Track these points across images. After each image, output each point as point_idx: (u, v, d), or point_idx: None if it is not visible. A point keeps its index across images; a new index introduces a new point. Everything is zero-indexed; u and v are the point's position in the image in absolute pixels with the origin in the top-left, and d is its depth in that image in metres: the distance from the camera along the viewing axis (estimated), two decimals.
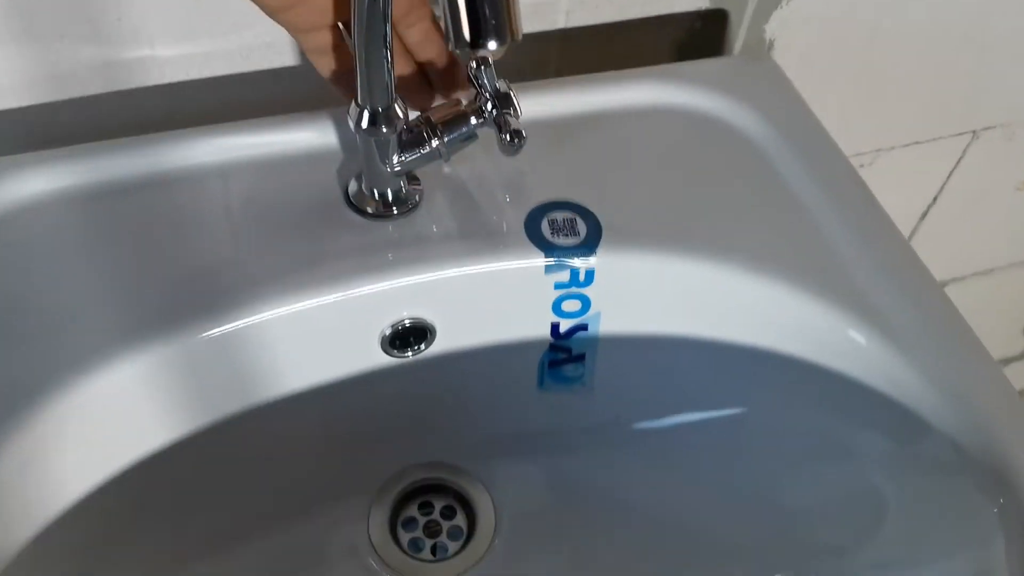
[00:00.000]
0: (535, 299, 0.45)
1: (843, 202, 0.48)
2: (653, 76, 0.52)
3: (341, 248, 0.43)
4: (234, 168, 0.47)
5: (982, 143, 0.82)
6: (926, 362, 0.41)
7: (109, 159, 0.46)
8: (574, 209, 0.46)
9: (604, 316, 0.46)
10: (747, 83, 0.53)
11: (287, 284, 0.42)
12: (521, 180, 0.47)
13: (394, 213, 0.45)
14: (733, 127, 0.51)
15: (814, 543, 0.45)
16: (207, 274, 0.42)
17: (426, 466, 0.51)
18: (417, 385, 0.47)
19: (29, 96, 0.49)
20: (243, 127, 0.48)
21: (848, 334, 0.43)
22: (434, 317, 0.45)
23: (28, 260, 0.42)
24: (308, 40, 0.40)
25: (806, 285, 0.44)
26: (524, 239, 0.44)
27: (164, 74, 0.51)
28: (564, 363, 0.49)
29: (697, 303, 0.46)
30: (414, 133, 0.43)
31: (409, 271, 0.43)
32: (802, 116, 0.53)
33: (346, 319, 0.43)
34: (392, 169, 0.43)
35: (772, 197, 0.48)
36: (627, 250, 0.45)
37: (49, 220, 0.44)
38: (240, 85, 0.53)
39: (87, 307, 0.40)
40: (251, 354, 0.42)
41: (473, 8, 0.30)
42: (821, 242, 0.46)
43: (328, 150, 0.48)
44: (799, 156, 0.50)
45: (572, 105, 0.51)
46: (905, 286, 0.44)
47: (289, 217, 0.45)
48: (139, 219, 0.44)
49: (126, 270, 0.42)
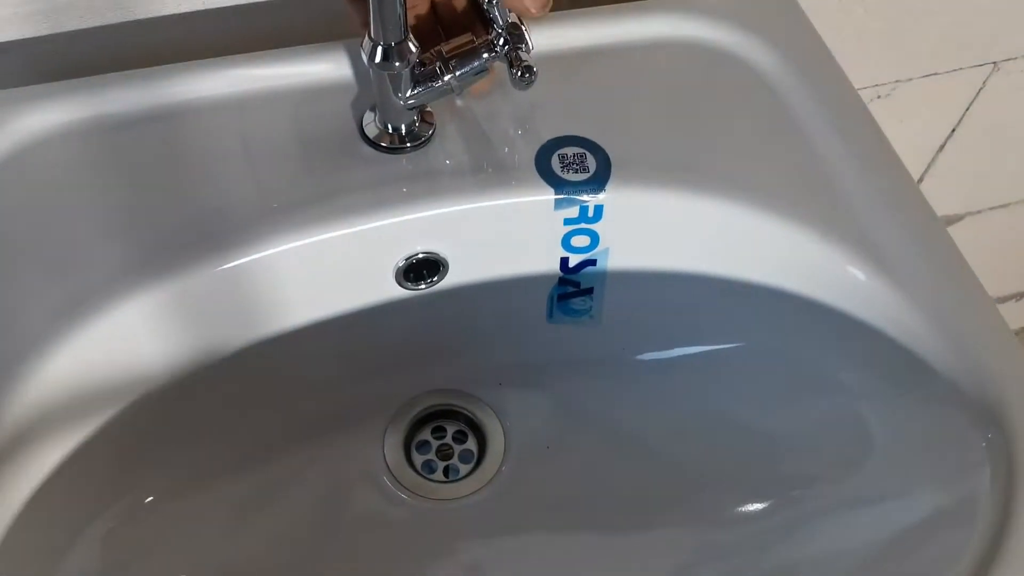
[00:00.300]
0: (545, 234, 0.46)
1: (852, 139, 0.48)
2: (667, 8, 0.52)
3: (356, 181, 0.44)
4: (248, 100, 0.47)
5: (1002, 75, 0.81)
6: (924, 299, 0.42)
7: (120, 91, 0.46)
8: (584, 144, 0.46)
9: (612, 251, 0.47)
10: (762, 17, 0.53)
11: (303, 217, 0.43)
12: (532, 114, 0.48)
13: (407, 147, 0.46)
14: (746, 61, 0.51)
15: (807, 473, 0.46)
16: (222, 207, 0.43)
17: (439, 393, 0.53)
18: (430, 316, 0.49)
19: (39, 27, 0.50)
20: (256, 59, 0.48)
21: (848, 270, 0.44)
22: (446, 250, 0.46)
23: (39, 194, 0.43)
24: None
25: (810, 221, 0.45)
26: (534, 174, 0.45)
27: (180, 4, 0.51)
28: (572, 296, 0.50)
29: (702, 239, 0.46)
30: (427, 67, 0.43)
31: (422, 205, 0.44)
32: (816, 52, 0.52)
33: (361, 252, 0.44)
34: (405, 103, 0.44)
35: (781, 134, 0.49)
36: (636, 186, 0.45)
37: (59, 153, 0.45)
38: (253, 14, 0.53)
39: (101, 241, 0.42)
40: (268, 286, 0.43)
41: None
42: (827, 179, 0.47)
43: (342, 82, 0.48)
44: (811, 92, 0.50)
45: (584, 38, 0.51)
46: (908, 225, 0.45)
47: (304, 150, 0.46)
48: (153, 152, 0.45)
49: (139, 204, 0.43)
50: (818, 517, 0.45)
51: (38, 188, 0.44)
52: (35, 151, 0.45)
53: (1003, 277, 1.22)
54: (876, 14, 0.68)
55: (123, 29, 0.51)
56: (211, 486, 0.47)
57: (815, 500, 0.45)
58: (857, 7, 0.67)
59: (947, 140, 0.88)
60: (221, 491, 0.47)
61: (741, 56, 0.52)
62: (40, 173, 0.44)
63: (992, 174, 0.96)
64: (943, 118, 0.85)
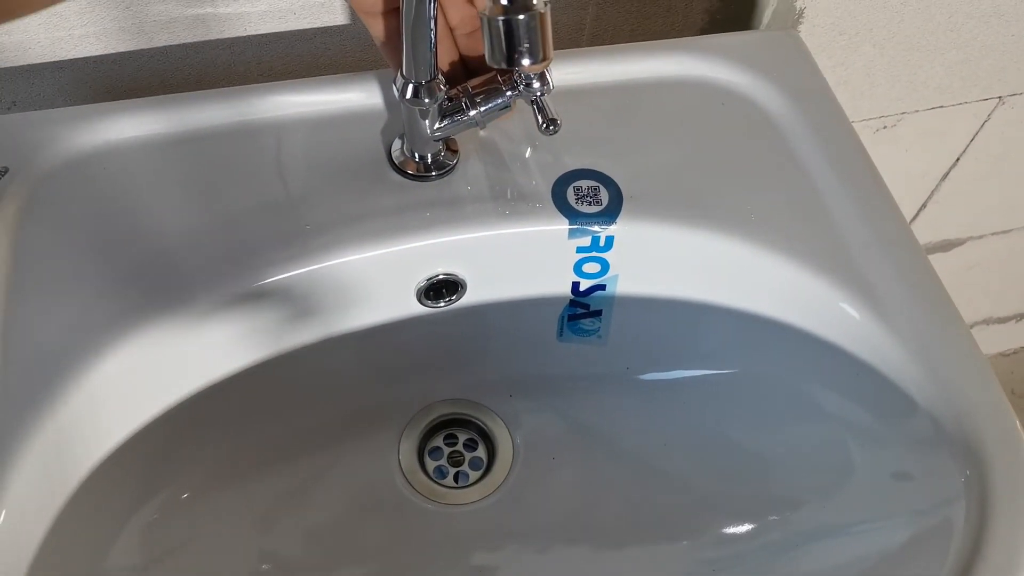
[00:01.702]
0: (558, 260, 0.49)
1: (850, 180, 0.51)
2: (680, 48, 0.55)
3: (383, 206, 0.48)
4: (285, 125, 0.50)
5: (1007, 108, 0.83)
6: (912, 339, 0.45)
7: (164, 113, 0.49)
8: (598, 178, 0.50)
9: (621, 278, 0.51)
10: (770, 58, 0.56)
11: (334, 238, 0.46)
12: (551, 147, 0.51)
13: (432, 175, 0.49)
14: (754, 101, 0.54)
15: (792, 497, 0.50)
16: (259, 227, 0.46)
17: (452, 402, 0.56)
18: (447, 332, 0.52)
19: (91, 48, 0.53)
20: (296, 85, 0.51)
21: (840, 306, 0.47)
22: (465, 272, 0.50)
23: (97, 199, 0.47)
24: (361, 3, 0.43)
25: (808, 259, 0.48)
26: (550, 205, 0.48)
27: (223, 30, 0.54)
28: (582, 317, 0.53)
29: (706, 270, 0.50)
30: (453, 103, 0.46)
31: (445, 230, 0.47)
32: (820, 93, 0.55)
33: (386, 272, 0.47)
34: (432, 134, 0.47)
35: (785, 172, 0.51)
36: (645, 219, 0.48)
37: (117, 164, 0.48)
38: (293, 42, 0.56)
39: (138, 262, 0.45)
40: (299, 301, 0.47)
41: (511, 32, 0.33)
42: (825, 218, 0.50)
43: (374, 111, 0.52)
44: (814, 133, 0.53)
45: (602, 74, 0.54)
46: (897, 263, 0.48)
47: (335, 174, 0.49)
48: (195, 171, 0.48)
49: (179, 225, 0.46)
50: (801, 540, 0.48)
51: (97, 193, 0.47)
52: (87, 165, 0.48)
53: (1004, 299, 1.24)
54: (884, 50, 0.71)
55: (169, 53, 0.54)
56: (238, 486, 0.51)
57: (799, 524, 0.48)
58: (865, 43, 0.70)
59: (951, 169, 0.90)
60: (248, 490, 0.51)
61: (750, 96, 0.54)
62: (92, 186, 0.47)
63: (994, 202, 0.98)
64: (947, 148, 0.87)
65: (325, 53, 0.57)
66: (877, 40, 0.70)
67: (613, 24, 0.61)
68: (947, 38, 0.72)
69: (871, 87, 0.75)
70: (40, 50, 0.52)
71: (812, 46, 0.59)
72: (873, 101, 0.77)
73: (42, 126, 0.48)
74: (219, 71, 0.56)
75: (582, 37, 0.62)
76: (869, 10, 0.66)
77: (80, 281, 0.44)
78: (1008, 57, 0.76)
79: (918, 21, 0.69)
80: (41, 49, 0.52)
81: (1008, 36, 0.74)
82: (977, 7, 0.69)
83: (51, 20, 0.51)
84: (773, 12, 0.64)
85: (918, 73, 0.75)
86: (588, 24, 0.61)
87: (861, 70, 0.72)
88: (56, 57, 0.53)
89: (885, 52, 0.71)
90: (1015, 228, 1.05)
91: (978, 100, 0.81)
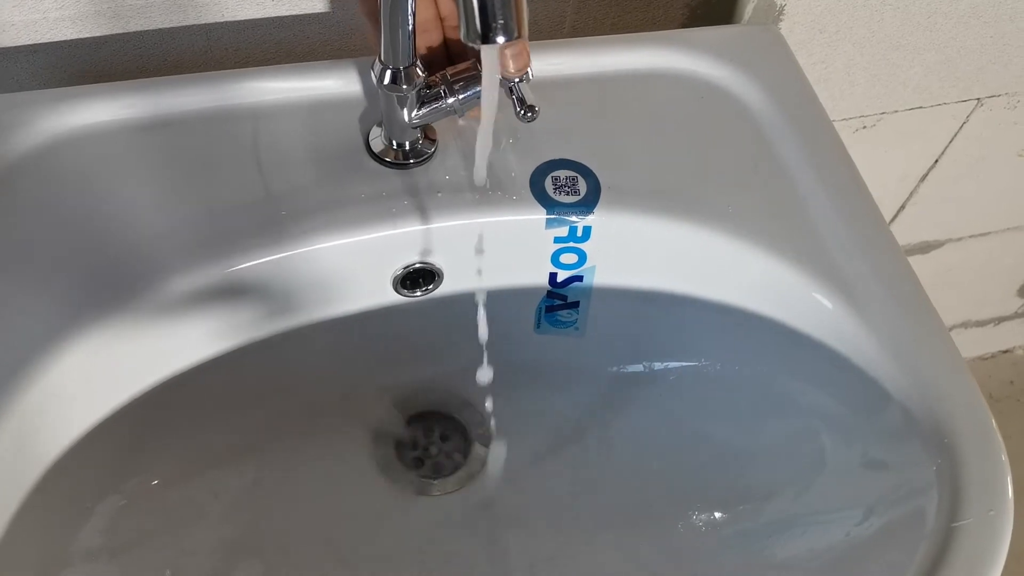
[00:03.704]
0: (535, 250, 0.49)
1: (828, 174, 0.51)
2: (660, 41, 0.55)
3: (360, 194, 0.47)
4: (262, 111, 0.50)
5: (985, 110, 0.84)
6: (884, 329, 0.45)
7: (140, 97, 0.49)
8: (576, 168, 0.49)
9: (598, 269, 0.50)
10: (750, 53, 0.56)
11: (310, 225, 0.46)
12: (529, 137, 0.51)
13: (410, 163, 0.49)
14: (733, 95, 0.54)
15: (766, 487, 0.50)
16: (235, 213, 0.46)
17: (428, 393, 0.56)
18: (423, 322, 0.52)
19: (65, 32, 0.52)
20: (272, 72, 0.51)
21: (815, 296, 0.47)
22: (442, 261, 0.49)
23: (70, 184, 0.46)
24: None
25: (783, 251, 0.48)
26: (528, 195, 0.48)
27: (200, 15, 0.54)
28: (559, 309, 0.53)
29: (683, 262, 0.50)
30: (432, 89, 0.46)
31: (421, 219, 0.47)
32: (799, 88, 0.55)
33: (362, 260, 0.47)
34: (410, 122, 0.47)
35: (762, 166, 0.52)
36: (623, 210, 0.48)
37: (78, 152, 0.47)
38: (269, 28, 0.56)
39: (111, 242, 0.44)
40: (273, 288, 0.46)
41: (484, 6, 0.33)
42: (802, 212, 0.50)
43: (353, 98, 0.51)
44: (792, 127, 0.53)
45: (582, 66, 0.54)
46: (873, 257, 0.48)
47: (313, 161, 0.48)
48: (171, 156, 0.48)
49: (155, 207, 0.46)
50: (774, 530, 0.48)
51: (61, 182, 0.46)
52: (60, 149, 0.47)
53: (983, 302, 1.26)
54: (864, 49, 0.71)
55: (145, 37, 0.54)
56: (209, 475, 0.50)
57: (772, 513, 0.48)
58: (845, 41, 0.70)
59: (930, 170, 0.91)
60: (219, 479, 0.50)
61: (730, 91, 0.55)
62: (65, 170, 0.47)
63: (972, 204, 0.99)
64: (927, 149, 0.88)
65: (304, 41, 0.57)
66: (857, 39, 0.70)
67: (594, 17, 0.61)
68: (926, 38, 0.72)
69: (851, 86, 0.75)
70: (14, 33, 0.52)
71: (792, 43, 0.59)
72: (852, 100, 0.77)
73: (11, 109, 0.48)
74: (196, 57, 0.56)
75: (563, 29, 0.61)
76: (849, 8, 0.67)
77: (50, 268, 0.43)
78: (986, 59, 0.77)
79: (897, 21, 0.70)
80: (15, 32, 0.52)
81: (986, 38, 0.74)
82: (955, 8, 0.70)
83: (26, 3, 0.50)
84: (754, 7, 0.64)
85: (897, 73, 0.76)
86: (569, 16, 0.61)
87: (841, 68, 0.73)
88: (30, 40, 0.52)
89: (865, 51, 0.72)
90: (993, 231, 1.06)
91: (957, 101, 0.82)
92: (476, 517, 0.52)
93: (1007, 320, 1.32)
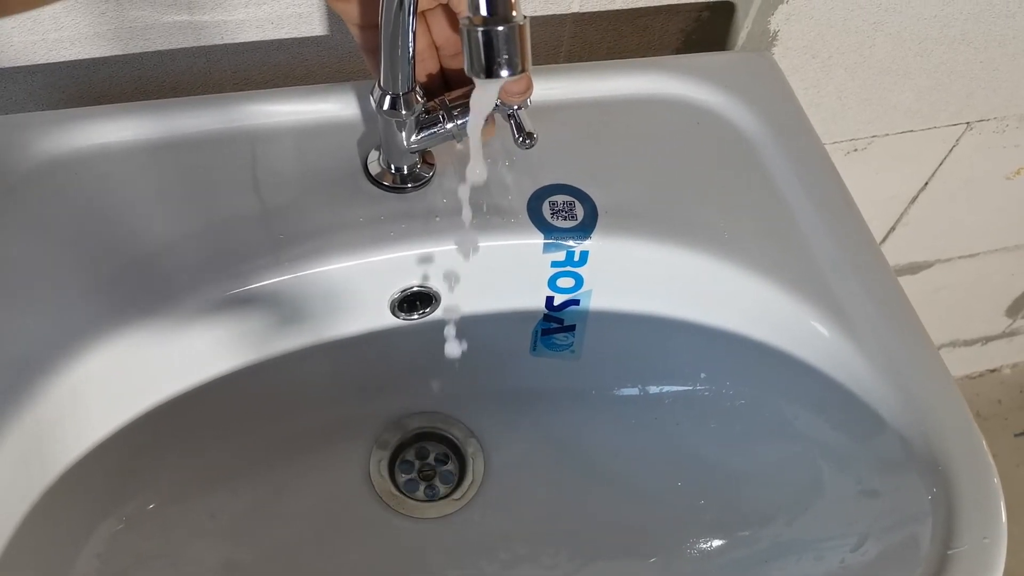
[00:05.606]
0: (533, 274, 0.50)
1: (821, 199, 0.52)
2: (656, 67, 0.56)
3: (358, 217, 0.47)
4: (261, 133, 0.50)
5: (974, 134, 0.85)
6: (881, 358, 0.46)
7: (139, 119, 0.49)
8: (573, 193, 0.50)
9: (595, 293, 0.51)
10: (744, 79, 0.56)
11: (307, 248, 0.46)
12: (527, 162, 0.51)
13: (408, 188, 0.49)
14: (727, 121, 0.55)
15: (762, 512, 0.50)
16: (232, 236, 0.46)
17: (424, 416, 0.56)
18: (420, 344, 0.52)
19: (64, 53, 0.52)
20: (274, 95, 0.51)
21: (812, 324, 0.47)
22: (439, 285, 0.49)
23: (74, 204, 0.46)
24: (346, 11, 0.43)
25: (779, 276, 0.48)
26: (526, 219, 0.48)
27: (200, 38, 0.54)
28: (555, 332, 0.53)
29: (680, 287, 0.50)
30: (431, 115, 0.46)
31: (419, 243, 0.47)
32: (792, 113, 0.56)
33: (359, 283, 0.47)
34: (408, 146, 0.47)
35: (757, 191, 0.52)
36: (620, 235, 0.49)
37: (75, 176, 0.47)
38: (270, 51, 0.56)
39: (109, 266, 0.45)
40: (271, 310, 0.46)
41: (489, 42, 0.34)
42: (796, 237, 0.50)
43: (351, 122, 0.51)
44: (785, 153, 0.54)
45: (578, 91, 0.54)
46: (867, 282, 0.48)
47: (311, 184, 0.49)
48: (170, 178, 0.48)
49: (152, 231, 0.46)
50: (769, 556, 0.48)
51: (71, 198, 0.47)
52: (58, 171, 0.47)
53: (971, 322, 1.26)
54: (855, 73, 0.72)
55: (144, 59, 0.54)
56: (207, 496, 0.50)
57: (768, 539, 0.48)
58: (837, 67, 0.71)
59: (920, 192, 0.92)
60: (216, 501, 0.50)
61: (725, 116, 0.55)
62: (64, 192, 0.47)
63: (961, 226, 1.00)
64: (917, 172, 0.89)
65: (302, 63, 0.57)
66: (849, 64, 0.71)
67: (590, 42, 0.62)
68: (916, 63, 0.73)
69: (843, 109, 0.76)
70: (13, 54, 0.52)
71: (785, 68, 0.60)
72: (844, 124, 0.78)
73: (13, 130, 0.48)
74: (195, 79, 0.56)
75: (559, 54, 0.62)
76: (841, 34, 0.68)
77: (53, 286, 0.43)
78: (976, 83, 0.78)
79: (889, 46, 0.70)
80: (14, 53, 0.52)
81: (976, 63, 0.75)
82: (946, 34, 0.71)
83: (25, 24, 0.50)
84: (747, 34, 0.65)
85: (888, 97, 0.76)
86: (565, 41, 0.61)
87: (833, 93, 0.74)
88: (29, 61, 0.52)
89: (856, 76, 0.72)
90: (982, 252, 1.07)
91: (947, 125, 0.83)
92: (470, 541, 0.52)
93: (995, 339, 1.34)
